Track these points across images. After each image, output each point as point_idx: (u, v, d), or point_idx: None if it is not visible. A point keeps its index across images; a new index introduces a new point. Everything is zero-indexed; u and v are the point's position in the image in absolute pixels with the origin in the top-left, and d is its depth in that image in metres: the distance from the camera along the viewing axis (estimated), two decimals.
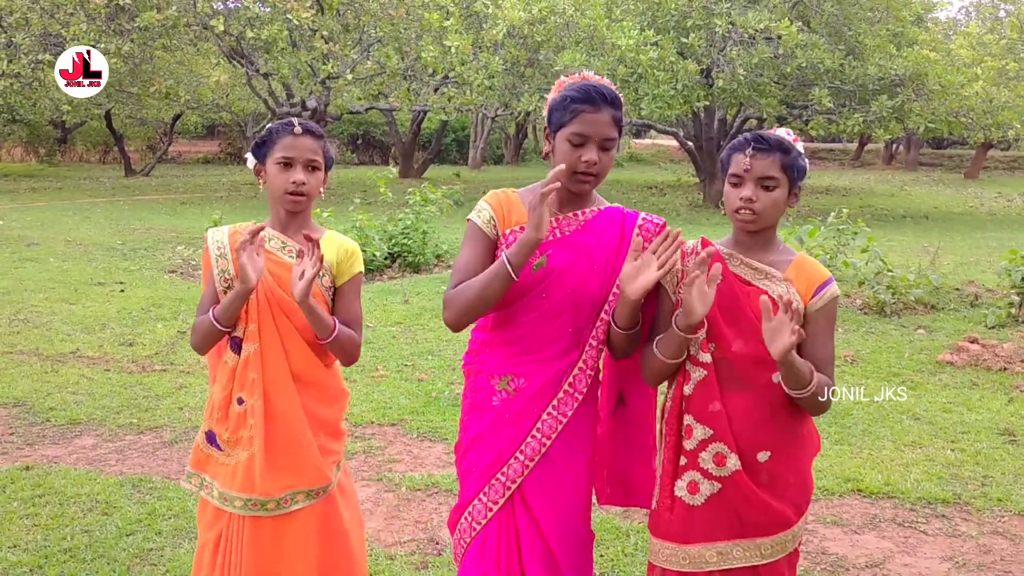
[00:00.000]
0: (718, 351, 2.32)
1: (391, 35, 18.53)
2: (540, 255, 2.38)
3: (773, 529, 2.35)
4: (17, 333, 7.60)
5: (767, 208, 2.31)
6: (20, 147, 35.29)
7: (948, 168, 34.72)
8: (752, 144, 2.30)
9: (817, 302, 2.33)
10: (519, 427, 2.41)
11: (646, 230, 2.44)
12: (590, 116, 2.33)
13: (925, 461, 5.05)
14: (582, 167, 2.34)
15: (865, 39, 16.55)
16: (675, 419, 2.37)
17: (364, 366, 6.74)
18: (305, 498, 2.63)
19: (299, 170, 2.59)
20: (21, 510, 4.26)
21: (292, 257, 2.62)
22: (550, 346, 2.41)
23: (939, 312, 8.60)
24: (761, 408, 2.32)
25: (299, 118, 2.70)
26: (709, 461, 2.32)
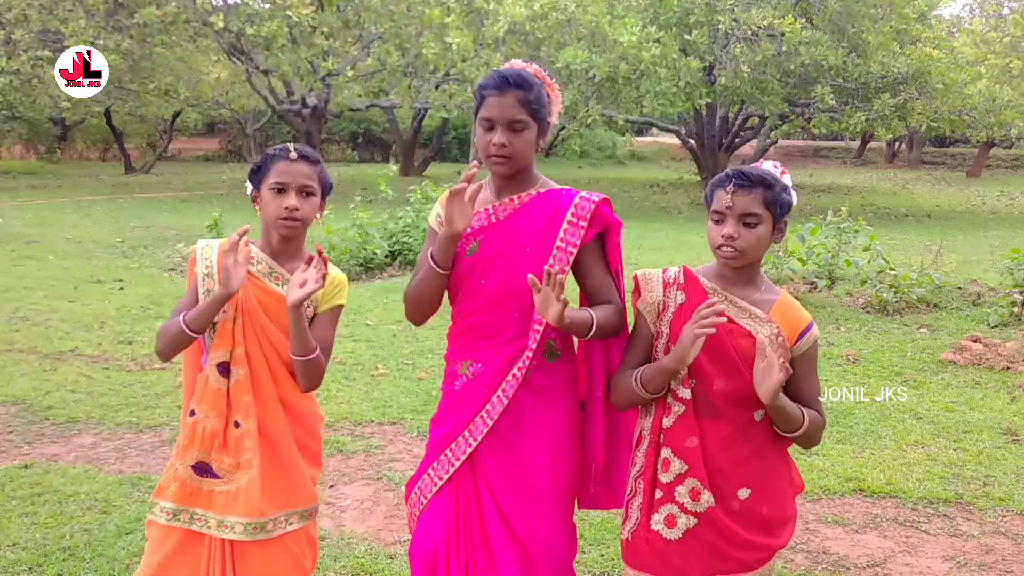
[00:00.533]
0: (699, 387, 2.31)
1: (392, 32, 18.51)
2: (473, 240, 2.46)
3: (752, 565, 2.35)
4: (16, 331, 7.58)
5: (750, 246, 2.29)
6: (20, 144, 35.31)
7: (950, 166, 34.71)
8: (734, 180, 2.29)
9: (801, 346, 2.36)
10: (471, 408, 2.48)
11: (581, 208, 2.44)
12: (495, 99, 2.40)
13: (927, 460, 5.03)
14: (492, 150, 2.42)
15: (868, 36, 16.53)
16: (653, 451, 2.36)
17: (364, 364, 6.72)
18: (299, 519, 2.67)
19: (292, 195, 2.57)
20: (20, 508, 4.24)
21: (279, 285, 2.61)
22: (501, 332, 2.46)
23: (941, 311, 8.58)
24: (741, 446, 2.32)
25: (298, 144, 2.66)
26: (685, 495, 2.32)
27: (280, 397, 2.63)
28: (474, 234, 2.46)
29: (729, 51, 16.08)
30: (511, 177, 2.49)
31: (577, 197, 2.47)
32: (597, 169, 31.84)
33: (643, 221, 16.64)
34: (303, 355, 2.55)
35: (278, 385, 2.62)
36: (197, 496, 2.62)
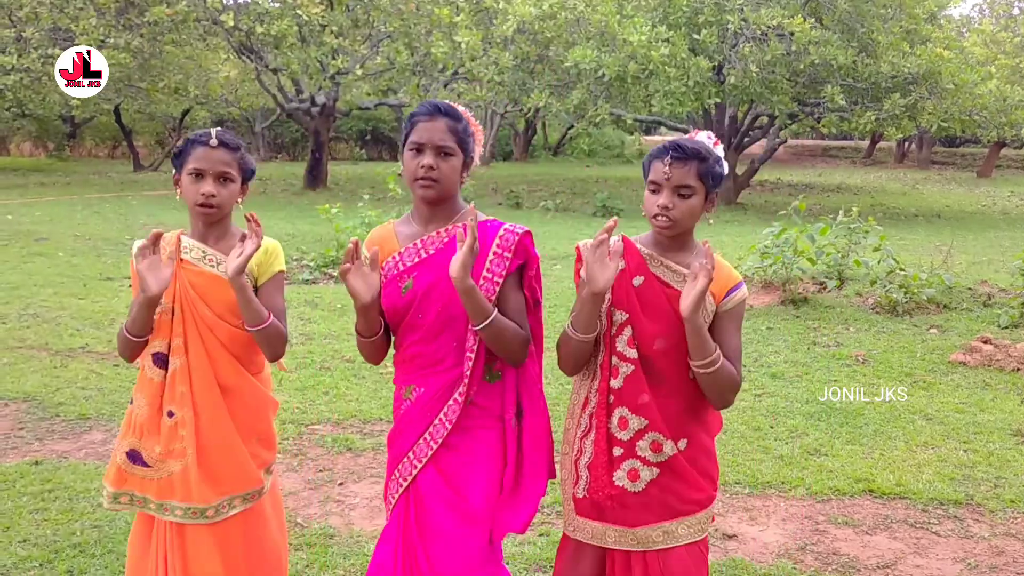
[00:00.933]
0: (642, 348, 2.45)
1: (401, 30, 18.52)
2: (407, 278, 2.52)
3: (704, 503, 2.52)
4: (27, 328, 7.61)
5: (683, 215, 2.41)
6: (29, 142, 35.46)
7: (960, 167, 34.57)
8: (670, 153, 2.40)
9: (727, 303, 2.48)
10: (414, 431, 2.55)
11: (506, 240, 2.49)
12: (425, 124, 2.48)
13: (937, 462, 5.01)
14: (420, 172, 2.46)
15: (878, 36, 16.47)
16: (603, 412, 2.47)
17: None
18: (241, 502, 2.70)
19: (209, 182, 2.60)
20: (31, 505, 4.26)
21: (212, 267, 2.65)
22: (441, 361, 2.52)
23: (951, 312, 8.55)
24: (679, 402, 2.47)
25: (219, 129, 2.68)
26: (647, 449, 2.46)
27: (221, 384, 2.66)
28: (407, 271, 2.52)
29: (738, 51, 16.05)
30: (437, 204, 2.53)
31: (501, 229, 2.51)
32: (605, 168, 31.80)
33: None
34: (256, 325, 2.59)
35: (218, 372, 2.65)
36: (131, 481, 2.68)
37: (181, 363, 2.62)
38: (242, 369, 2.70)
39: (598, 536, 2.52)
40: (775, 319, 8.28)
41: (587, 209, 18.37)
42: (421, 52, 18.76)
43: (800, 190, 23.00)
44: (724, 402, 2.47)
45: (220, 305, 2.64)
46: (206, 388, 2.64)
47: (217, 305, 2.64)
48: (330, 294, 9.29)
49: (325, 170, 22.53)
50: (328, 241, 11.69)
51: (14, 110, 28.93)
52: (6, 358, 6.69)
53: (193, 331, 2.62)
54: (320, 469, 4.84)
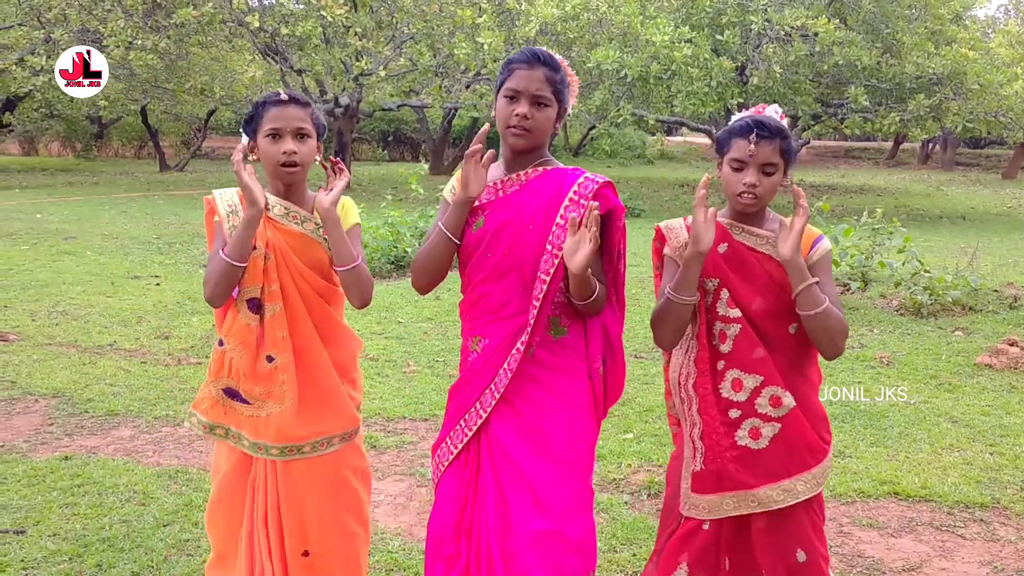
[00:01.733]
0: (742, 308, 2.52)
1: (424, 32, 18.58)
2: (480, 215, 2.52)
3: (819, 457, 2.56)
4: (56, 325, 7.70)
5: (767, 192, 2.48)
6: (58, 142, 35.81)
7: (985, 168, 34.25)
8: (755, 131, 2.44)
9: (814, 255, 2.54)
10: (481, 382, 2.54)
11: (584, 187, 2.47)
12: (523, 72, 2.46)
13: (963, 464, 4.98)
14: (514, 120, 2.45)
15: (903, 37, 16.37)
16: (709, 381, 2.52)
17: (396, 361, 6.77)
18: (340, 440, 2.77)
19: (288, 140, 2.60)
20: (60, 499, 4.32)
21: (297, 223, 2.68)
22: (505, 306, 2.51)
23: (977, 314, 8.49)
24: (783, 358, 2.53)
25: (285, 89, 2.71)
26: (766, 405, 2.51)
27: (317, 328, 2.71)
28: (480, 208, 2.52)
29: (761, 51, 16.00)
30: (525, 153, 2.53)
31: (581, 176, 2.50)
32: (626, 168, 31.75)
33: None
34: (345, 264, 2.61)
35: (314, 316, 2.70)
36: (229, 415, 2.73)
37: (279, 309, 2.65)
38: (333, 316, 2.75)
39: (714, 508, 2.55)
40: None
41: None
42: (444, 53, 18.81)
43: (823, 191, 22.86)
44: (835, 348, 2.49)
45: (307, 259, 2.67)
46: (305, 332, 2.68)
47: (305, 259, 2.67)
48: None
49: (348, 171, 22.61)
50: None
51: (43, 111, 29.27)
52: (36, 355, 6.78)
53: (287, 278, 2.65)
54: None
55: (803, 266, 2.42)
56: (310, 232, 2.67)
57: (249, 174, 2.52)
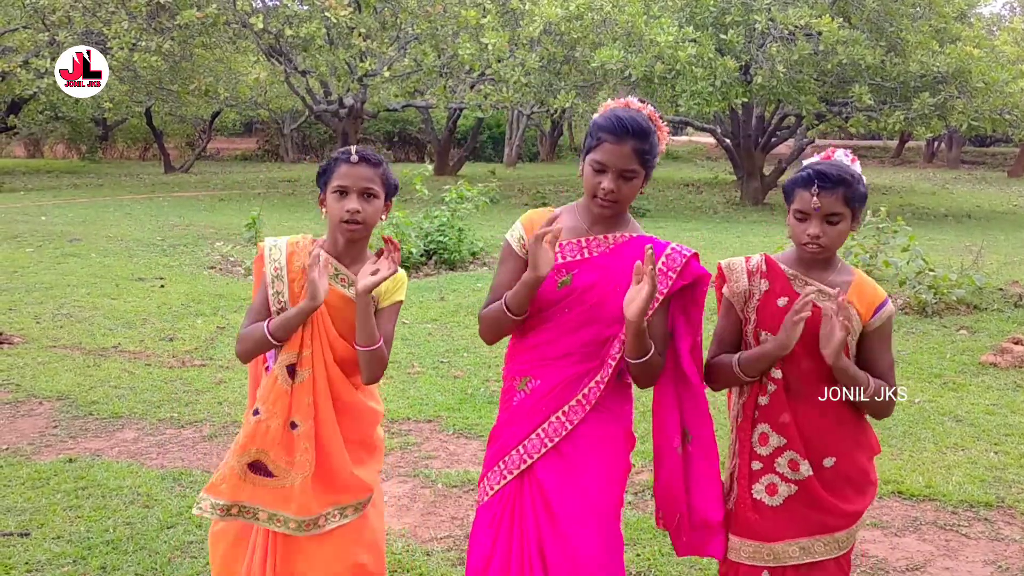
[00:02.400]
0: (788, 368, 2.51)
1: (428, 32, 18.59)
2: (566, 273, 2.52)
3: (842, 524, 2.55)
4: (60, 327, 7.72)
5: (833, 241, 2.47)
6: (62, 144, 35.91)
7: (991, 166, 34.17)
8: (816, 183, 2.43)
9: (875, 322, 2.53)
10: (527, 423, 2.54)
11: (672, 259, 2.51)
12: (611, 146, 2.44)
13: (967, 464, 4.97)
14: (600, 193, 2.47)
15: (907, 35, 16.32)
16: (749, 426, 2.56)
17: (400, 362, 6.77)
18: (353, 512, 2.73)
19: (354, 198, 2.61)
20: (64, 502, 4.33)
21: (344, 287, 2.68)
22: (567, 355, 2.52)
23: (982, 312, 8.47)
24: (827, 418, 2.53)
25: (359, 146, 2.71)
26: (784, 466, 2.54)
27: (336, 397, 2.69)
28: (567, 266, 2.52)
29: (765, 50, 15.96)
30: (605, 218, 2.56)
31: (668, 248, 2.54)
32: None
33: (678, 221, 16.57)
34: (367, 345, 2.61)
35: (334, 386, 2.69)
36: (248, 491, 2.67)
37: (308, 375, 2.65)
38: (351, 385, 2.73)
39: (734, 550, 2.59)
40: None
41: None
42: (448, 54, 18.81)
43: None
44: (885, 415, 2.56)
45: (344, 324, 2.67)
46: (325, 401, 2.67)
47: (341, 324, 2.67)
48: None
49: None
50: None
51: (48, 113, 29.30)
52: (40, 357, 6.80)
53: (318, 345, 2.66)
54: None
55: (852, 373, 2.45)
56: (353, 297, 2.66)
57: (320, 270, 2.55)
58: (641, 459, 4.95)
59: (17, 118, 28.52)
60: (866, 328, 2.53)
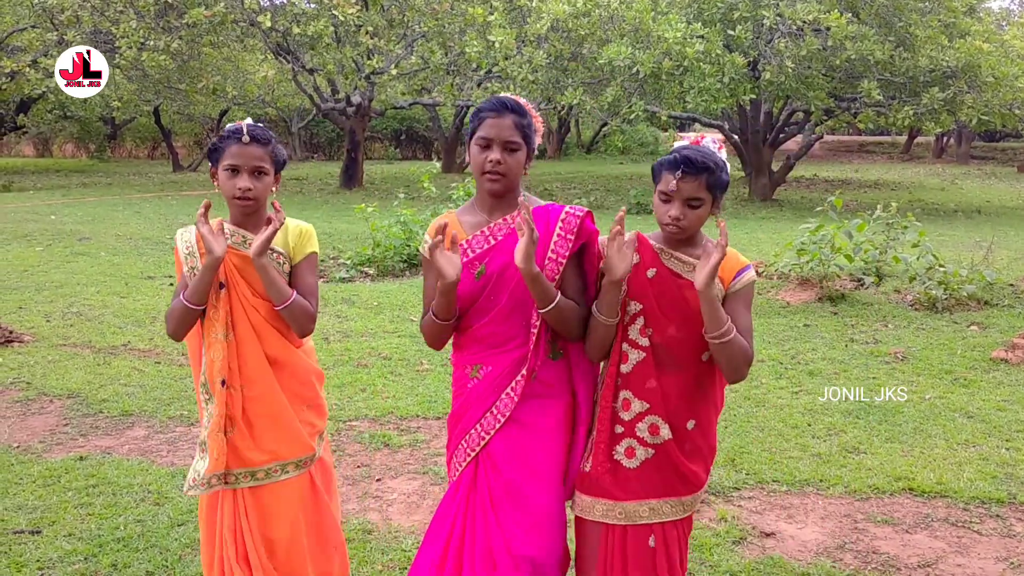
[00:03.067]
0: (656, 336, 2.64)
1: (435, 30, 18.58)
2: (479, 264, 2.68)
3: (692, 488, 2.71)
4: (71, 326, 7.74)
5: (692, 223, 2.60)
6: (71, 143, 36.05)
7: (1001, 161, 34.00)
8: (681, 167, 2.56)
9: (735, 284, 2.65)
10: (482, 405, 2.71)
11: (568, 222, 2.65)
12: (493, 120, 2.62)
13: (979, 460, 4.95)
14: (488, 167, 2.61)
15: (916, 30, 16.24)
16: (611, 393, 2.67)
17: (409, 360, 6.78)
18: (295, 468, 2.88)
19: (245, 177, 2.77)
20: (75, 499, 4.35)
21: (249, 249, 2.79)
22: (510, 341, 2.68)
23: (992, 308, 8.43)
24: (691, 384, 2.67)
25: (250, 122, 2.83)
26: (645, 431, 2.66)
27: (269, 356, 2.83)
28: (478, 258, 2.68)
29: (773, 46, 15.90)
30: (502, 196, 2.69)
31: (563, 212, 2.68)
32: (639, 165, 31.68)
33: None
34: (282, 302, 2.77)
35: (264, 344, 2.83)
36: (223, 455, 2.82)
37: (230, 337, 2.79)
38: (287, 342, 2.86)
39: (587, 509, 2.71)
40: (812, 316, 8.22)
41: (621, 206, 18.29)
42: (455, 51, 18.81)
43: (836, 186, 22.75)
44: (738, 375, 2.62)
45: (260, 285, 2.80)
46: (255, 360, 2.81)
47: (258, 285, 2.80)
48: (367, 292, 9.35)
49: (361, 169, 22.66)
50: (364, 240, 11.77)
51: (56, 112, 29.44)
52: (51, 356, 6.82)
53: (238, 307, 2.79)
54: (358, 465, 4.88)
55: (714, 301, 2.53)
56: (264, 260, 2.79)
57: (209, 228, 2.70)
58: None
59: (26, 117, 28.65)
60: (728, 291, 2.64)
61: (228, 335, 2.78)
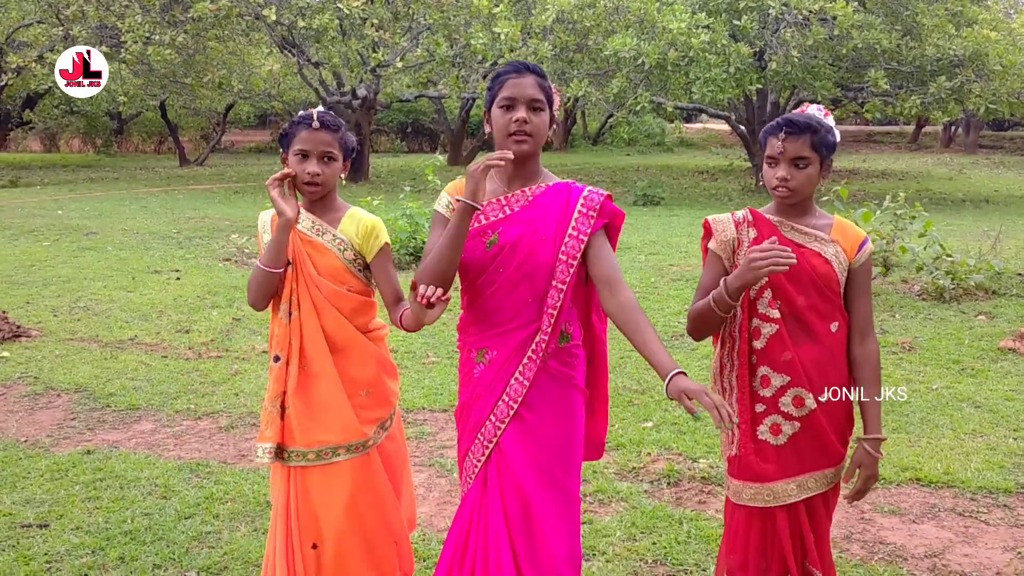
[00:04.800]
0: (785, 307, 2.63)
1: (440, 22, 18.53)
2: (492, 233, 2.61)
3: (836, 460, 2.71)
4: (78, 320, 7.76)
5: (801, 184, 2.61)
6: (78, 138, 36.07)
7: (1009, 150, 33.81)
8: (784, 128, 2.59)
9: (860, 258, 2.70)
10: (492, 394, 2.64)
11: (590, 200, 2.61)
12: (515, 80, 2.57)
13: (986, 450, 4.94)
14: (514, 127, 2.55)
15: (923, 19, 16.17)
16: (746, 372, 2.65)
17: (415, 352, 6.78)
18: (346, 452, 2.87)
19: (314, 162, 2.81)
20: (83, 493, 4.36)
21: (321, 236, 2.87)
22: (514, 318, 2.61)
23: (1000, 298, 8.40)
24: (825, 354, 2.67)
25: (321, 110, 2.89)
26: (789, 404, 2.64)
27: (329, 337, 2.85)
28: (491, 226, 2.61)
29: (779, 36, 15.86)
30: (526, 161, 2.62)
31: (586, 190, 2.64)
32: (645, 156, 31.62)
33: (692, 208, 16.51)
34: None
35: (325, 326, 2.85)
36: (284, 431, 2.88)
37: (295, 315, 2.85)
38: (349, 325, 2.87)
39: (736, 493, 2.72)
40: None
41: (628, 198, 18.29)
42: (461, 44, 18.76)
43: (844, 176, 22.66)
44: None
45: (324, 269, 2.85)
46: (314, 341, 2.84)
47: (324, 269, 2.85)
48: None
49: (367, 163, 22.66)
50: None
51: (63, 107, 29.48)
52: (58, 350, 6.84)
53: (303, 288, 2.84)
54: None
55: (872, 463, 2.70)
56: (327, 243, 2.86)
57: (279, 193, 2.77)
58: (657, 448, 4.95)
59: (33, 113, 28.72)
60: (852, 265, 2.69)
61: (293, 313, 2.84)
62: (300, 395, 2.85)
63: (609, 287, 2.59)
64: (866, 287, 2.72)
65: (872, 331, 2.74)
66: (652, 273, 9.82)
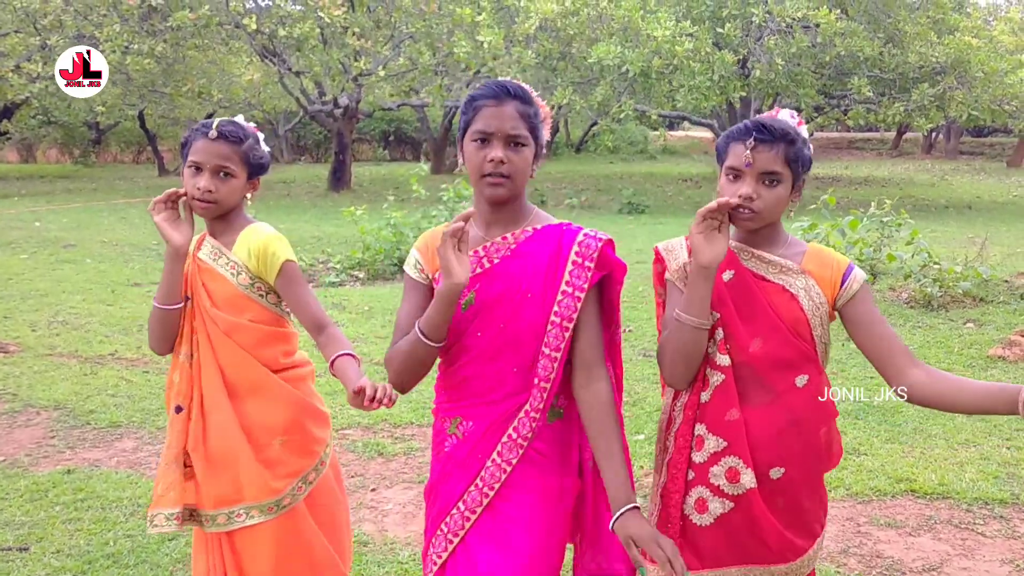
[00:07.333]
0: (735, 353, 2.10)
1: (423, 31, 18.50)
2: (468, 292, 2.12)
3: (787, 556, 2.15)
4: (56, 335, 7.63)
5: (769, 206, 2.07)
6: (55, 149, 35.76)
7: (989, 156, 34.09)
8: (754, 133, 2.05)
9: (848, 291, 2.14)
10: (463, 476, 2.18)
11: (586, 247, 2.12)
12: (492, 110, 2.09)
13: (980, 460, 4.90)
14: (488, 168, 2.07)
15: (905, 26, 16.28)
16: (688, 429, 2.15)
17: None
18: (260, 513, 2.52)
19: (206, 176, 2.47)
20: (64, 515, 4.25)
21: (216, 261, 2.55)
22: (496, 389, 2.15)
23: (988, 305, 8.39)
24: (781, 418, 2.10)
25: (226, 120, 2.55)
26: (721, 476, 2.11)
27: (229, 381, 2.51)
28: (468, 285, 2.07)
29: (763, 44, 15.90)
30: (505, 205, 2.15)
31: (580, 234, 2.14)
32: (629, 164, 31.66)
33: (676, 216, 16.50)
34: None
35: (224, 365, 2.51)
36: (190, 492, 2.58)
37: (196, 357, 2.52)
38: (254, 363, 2.51)
39: None
40: None
41: (613, 206, 18.27)
42: (443, 52, 18.73)
43: (827, 183, 22.74)
44: None
45: (219, 298, 2.52)
46: (212, 383, 2.50)
47: (222, 299, 2.52)
48: (357, 296, 9.26)
49: (349, 172, 22.56)
50: (354, 243, 11.67)
51: (40, 118, 29.20)
52: (36, 366, 6.71)
53: (200, 323, 2.52)
54: (352, 475, 4.80)
55: None
56: (221, 268, 2.53)
57: (165, 218, 2.48)
58: (650, 461, 4.88)
59: (9, 123, 28.41)
60: (839, 302, 2.14)
61: (194, 355, 2.51)
62: (198, 450, 2.49)
63: (586, 370, 2.13)
64: (872, 320, 2.16)
65: (922, 363, 2.11)
66: (640, 281, 9.77)
